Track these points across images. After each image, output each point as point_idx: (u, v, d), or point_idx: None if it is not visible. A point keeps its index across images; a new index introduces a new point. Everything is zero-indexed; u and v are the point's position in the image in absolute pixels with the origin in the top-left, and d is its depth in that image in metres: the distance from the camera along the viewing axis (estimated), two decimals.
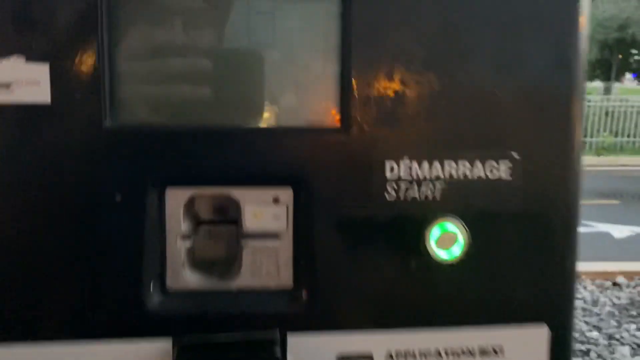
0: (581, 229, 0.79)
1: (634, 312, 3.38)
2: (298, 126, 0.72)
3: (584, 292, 3.30)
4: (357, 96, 0.72)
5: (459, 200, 0.74)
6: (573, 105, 0.76)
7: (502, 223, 0.76)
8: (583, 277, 3.45)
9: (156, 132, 0.69)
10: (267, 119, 0.72)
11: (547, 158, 0.76)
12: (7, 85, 0.66)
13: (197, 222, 0.75)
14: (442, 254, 0.74)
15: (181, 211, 0.71)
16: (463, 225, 0.74)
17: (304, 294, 0.73)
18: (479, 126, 0.73)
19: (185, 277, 0.72)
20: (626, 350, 3.00)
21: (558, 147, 0.76)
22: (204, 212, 0.76)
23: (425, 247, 0.74)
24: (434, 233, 0.74)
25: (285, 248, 0.73)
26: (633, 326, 3.22)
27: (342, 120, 0.72)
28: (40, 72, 0.66)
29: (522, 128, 0.75)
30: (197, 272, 0.74)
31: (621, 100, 11.22)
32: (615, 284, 3.46)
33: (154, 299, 0.71)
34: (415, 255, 0.74)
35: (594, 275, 3.42)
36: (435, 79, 0.72)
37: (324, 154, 0.72)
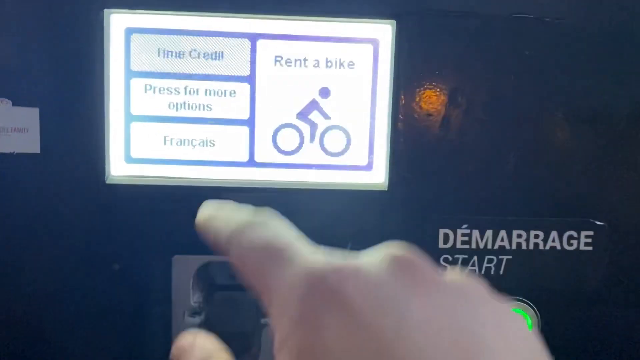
0: None
1: None
2: (332, 185, 0.59)
3: None
4: (406, 150, 0.59)
5: (527, 277, 0.61)
6: None
7: (582, 303, 0.62)
8: None
9: (163, 189, 0.58)
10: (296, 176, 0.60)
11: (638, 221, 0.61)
12: None
13: (211, 287, 0.64)
14: None
15: (190, 283, 0.60)
16: (532, 307, 0.61)
17: None
18: (557, 187, 0.60)
19: None
20: None
21: None
22: (221, 276, 0.65)
23: None
24: None
25: None
26: None
27: (387, 179, 0.59)
28: (29, 118, 0.56)
29: (609, 185, 0.61)
30: None
31: None
32: None
33: None
34: None
35: None
36: (502, 129, 0.59)
37: (363, 219, 0.59)
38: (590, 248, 0.61)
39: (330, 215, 0.59)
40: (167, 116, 0.58)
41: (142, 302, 0.59)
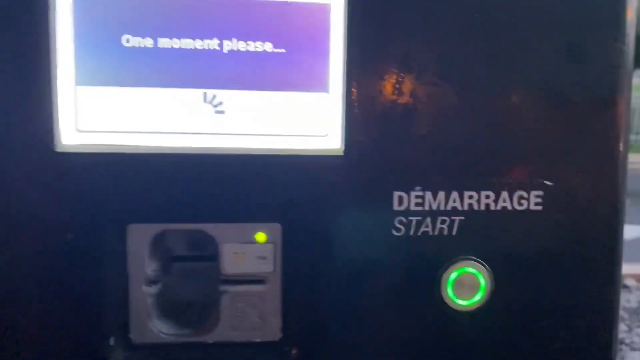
0: None
1: None
2: (288, 151, 0.60)
3: None
4: (360, 114, 0.59)
5: (479, 237, 0.62)
6: (618, 117, 0.63)
7: (532, 261, 0.63)
8: None
9: (116, 158, 0.57)
10: (250, 141, 0.60)
11: (586, 181, 0.63)
12: None
13: (168, 258, 0.63)
14: (461, 301, 0.62)
15: (146, 251, 0.59)
16: (485, 266, 0.62)
17: (294, 350, 0.61)
18: (507, 148, 0.61)
19: (153, 329, 0.60)
20: (637, 355, 2.90)
21: (599, 165, 0.63)
22: (177, 247, 0.64)
23: (439, 292, 0.62)
24: (451, 276, 0.62)
25: (272, 294, 0.61)
26: None
27: (343, 144, 0.60)
28: None
29: (557, 146, 0.62)
30: (167, 321, 0.62)
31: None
32: (624, 286, 3.34)
33: (116, 355, 0.60)
34: (427, 302, 0.62)
35: None
36: (453, 92, 0.60)
37: (320, 184, 0.60)
38: (540, 208, 0.63)
39: (290, 180, 0.60)
40: (121, 82, 0.57)
41: (97, 272, 0.58)
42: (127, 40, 0.57)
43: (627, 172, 0.66)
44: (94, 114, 0.57)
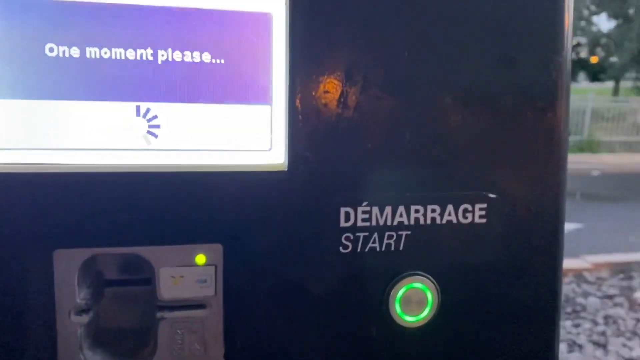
0: None
1: (568, 309, 3.43)
2: (229, 167, 0.56)
3: None
4: (304, 127, 0.57)
5: (426, 251, 0.61)
6: (558, 125, 0.64)
7: (478, 273, 0.63)
8: None
9: (40, 178, 0.52)
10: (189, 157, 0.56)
11: (528, 191, 0.64)
12: None
13: (100, 284, 0.59)
14: (408, 317, 0.61)
15: (75, 278, 0.54)
16: (432, 281, 0.62)
17: None
18: (451, 161, 0.61)
19: None
20: (563, 347, 3.03)
21: (540, 175, 0.64)
22: (110, 271, 0.60)
23: (388, 309, 0.61)
24: (399, 292, 0.61)
25: (213, 319, 0.58)
26: (568, 323, 3.26)
27: (287, 159, 0.57)
28: None
29: (500, 159, 0.62)
30: (99, 352, 0.57)
31: None
32: None
33: None
34: (375, 319, 0.61)
35: None
36: (398, 105, 0.59)
37: (264, 201, 0.57)
38: (484, 220, 0.63)
39: (231, 198, 0.57)
40: (44, 94, 0.53)
41: (20, 303, 0.53)
42: (51, 50, 0.52)
43: (567, 179, 0.67)
44: (14, 130, 0.52)
